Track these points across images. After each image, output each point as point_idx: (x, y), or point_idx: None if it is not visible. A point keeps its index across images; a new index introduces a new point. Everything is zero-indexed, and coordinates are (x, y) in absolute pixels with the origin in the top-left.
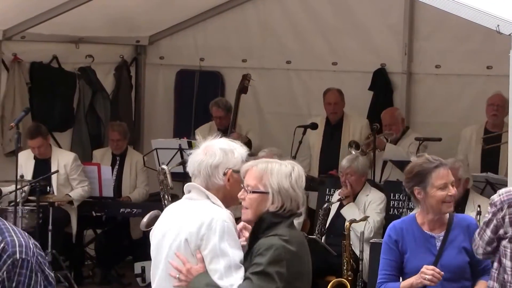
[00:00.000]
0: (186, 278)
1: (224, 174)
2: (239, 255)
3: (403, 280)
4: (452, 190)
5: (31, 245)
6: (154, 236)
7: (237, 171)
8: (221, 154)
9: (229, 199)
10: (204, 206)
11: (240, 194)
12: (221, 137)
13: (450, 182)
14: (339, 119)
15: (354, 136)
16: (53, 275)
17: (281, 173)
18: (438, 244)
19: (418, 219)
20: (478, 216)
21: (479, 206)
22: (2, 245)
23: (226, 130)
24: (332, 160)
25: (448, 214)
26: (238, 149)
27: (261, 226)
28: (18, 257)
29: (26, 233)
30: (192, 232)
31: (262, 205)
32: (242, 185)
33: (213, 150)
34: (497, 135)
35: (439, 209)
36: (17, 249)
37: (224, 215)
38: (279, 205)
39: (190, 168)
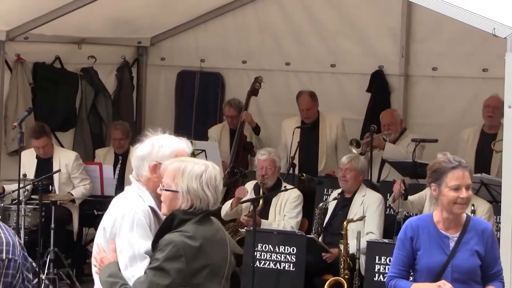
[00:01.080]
0: (99, 266)
1: (149, 167)
2: (145, 245)
3: (413, 275)
4: (465, 193)
5: (17, 244)
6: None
7: None
8: (149, 147)
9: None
10: (126, 198)
11: (158, 189)
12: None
13: (465, 185)
14: (315, 119)
15: (331, 133)
16: (30, 277)
17: (192, 174)
18: (452, 244)
19: (434, 217)
20: (472, 215)
21: (472, 205)
22: None
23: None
24: (312, 160)
25: (465, 216)
26: (171, 145)
27: (172, 222)
28: (4, 257)
29: (12, 231)
30: (109, 222)
31: (174, 203)
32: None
33: (145, 143)
34: (493, 136)
35: (450, 209)
36: (4, 247)
37: (137, 206)
38: (189, 205)
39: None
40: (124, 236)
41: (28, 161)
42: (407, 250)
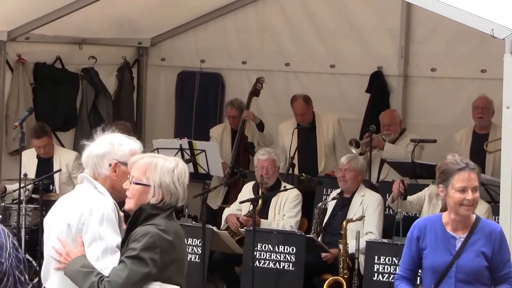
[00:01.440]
0: (65, 260)
1: (110, 164)
2: (116, 240)
3: (420, 273)
4: (470, 195)
5: (9, 246)
6: (45, 224)
7: (124, 163)
8: (108, 145)
9: (119, 190)
10: (89, 194)
11: (125, 184)
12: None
13: (471, 187)
14: (311, 120)
15: (328, 133)
16: (25, 277)
17: (165, 169)
18: (458, 245)
19: (443, 218)
20: None
21: None
22: None
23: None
24: (310, 161)
25: (474, 217)
26: (129, 144)
27: (140, 216)
28: None
29: (6, 230)
30: (74, 218)
31: (144, 197)
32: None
33: (101, 141)
34: (485, 136)
35: (456, 211)
36: None
37: (105, 202)
38: (160, 199)
39: (82, 160)
40: (93, 230)
41: (29, 161)
42: (413, 249)
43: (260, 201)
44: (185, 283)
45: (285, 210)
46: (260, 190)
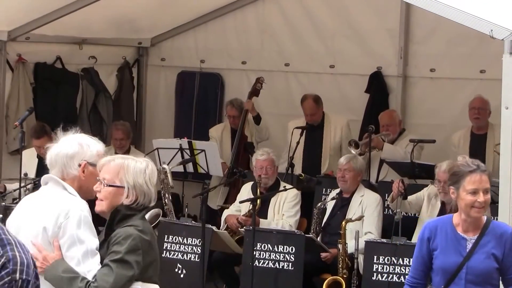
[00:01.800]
0: (42, 265)
1: (79, 165)
2: (95, 242)
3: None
4: (482, 197)
5: (31, 263)
6: (9, 227)
7: (93, 164)
8: (77, 146)
9: (85, 191)
10: (62, 196)
11: (96, 187)
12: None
13: (482, 189)
14: (320, 121)
15: (336, 135)
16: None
17: (137, 169)
18: (469, 246)
19: (454, 219)
20: None
21: None
22: (2, 260)
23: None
24: (315, 160)
25: (485, 218)
26: (95, 145)
27: (115, 217)
28: (18, 277)
29: (26, 247)
30: (50, 221)
31: (117, 198)
32: (98, 178)
33: (70, 142)
34: (482, 136)
35: (468, 213)
36: (18, 267)
37: (80, 205)
38: (133, 199)
39: (47, 160)
40: (71, 234)
41: (29, 161)
42: (424, 250)
43: (258, 201)
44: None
45: (284, 210)
46: (258, 190)
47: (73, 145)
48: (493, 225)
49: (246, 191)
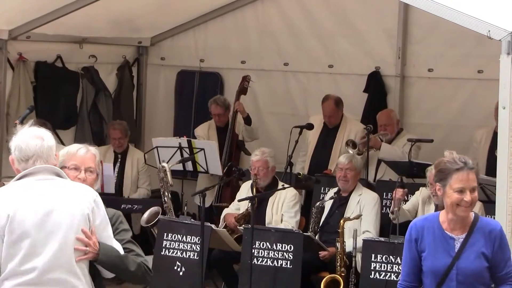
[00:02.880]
0: (93, 250)
1: (55, 156)
2: None
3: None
4: (468, 196)
5: None
6: (27, 215)
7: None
8: (52, 137)
9: None
10: (76, 184)
11: (80, 175)
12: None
13: (469, 188)
14: (337, 123)
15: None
16: None
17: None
18: (457, 246)
19: (440, 217)
20: None
21: None
22: None
23: (225, 128)
24: (323, 159)
25: (473, 216)
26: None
27: None
28: None
29: None
30: (88, 208)
31: (94, 184)
32: (77, 167)
33: (45, 134)
34: None
35: (454, 211)
36: None
37: (92, 189)
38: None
39: (27, 153)
40: (103, 215)
41: None
42: (412, 252)
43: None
44: None
45: (283, 210)
46: (254, 189)
47: (51, 137)
48: (481, 222)
49: (245, 189)
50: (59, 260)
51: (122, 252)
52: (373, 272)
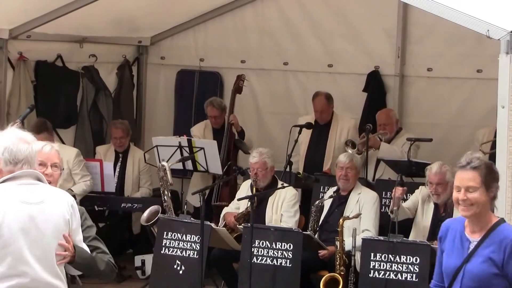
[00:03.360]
0: (71, 253)
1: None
2: None
3: None
4: (462, 195)
5: None
6: (15, 219)
7: None
8: (36, 141)
9: None
10: (55, 189)
11: (47, 171)
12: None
13: (464, 186)
14: (328, 120)
15: (342, 136)
16: None
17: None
18: (471, 248)
19: (466, 220)
20: None
21: None
22: None
23: (221, 129)
24: (317, 158)
25: (495, 220)
26: None
27: None
28: None
29: None
30: (68, 212)
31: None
32: (44, 163)
33: (31, 138)
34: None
35: (458, 211)
36: None
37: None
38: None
39: (18, 156)
40: (78, 219)
41: None
42: (439, 252)
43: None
44: None
45: (283, 210)
46: (254, 189)
47: (35, 140)
48: (500, 228)
49: (245, 188)
50: (46, 264)
51: (95, 254)
52: (372, 271)
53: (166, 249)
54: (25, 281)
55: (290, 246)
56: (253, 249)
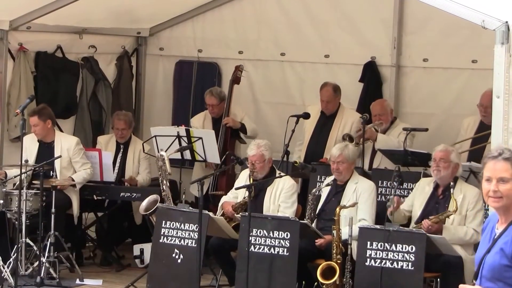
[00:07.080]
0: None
1: None
2: None
3: None
4: (494, 186)
5: None
6: None
7: None
8: None
9: None
10: None
11: None
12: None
13: (496, 177)
14: (335, 111)
15: (345, 128)
16: None
17: None
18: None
19: None
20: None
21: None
22: None
23: (219, 118)
24: (319, 148)
25: None
26: None
27: None
28: None
29: None
30: None
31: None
32: None
33: None
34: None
35: (487, 202)
36: None
37: None
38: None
39: None
40: None
41: (30, 145)
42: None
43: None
44: None
45: (280, 200)
46: (251, 179)
47: None
48: None
49: (244, 177)
50: None
51: None
52: (368, 260)
53: (165, 238)
54: None
55: (287, 235)
56: (250, 238)
